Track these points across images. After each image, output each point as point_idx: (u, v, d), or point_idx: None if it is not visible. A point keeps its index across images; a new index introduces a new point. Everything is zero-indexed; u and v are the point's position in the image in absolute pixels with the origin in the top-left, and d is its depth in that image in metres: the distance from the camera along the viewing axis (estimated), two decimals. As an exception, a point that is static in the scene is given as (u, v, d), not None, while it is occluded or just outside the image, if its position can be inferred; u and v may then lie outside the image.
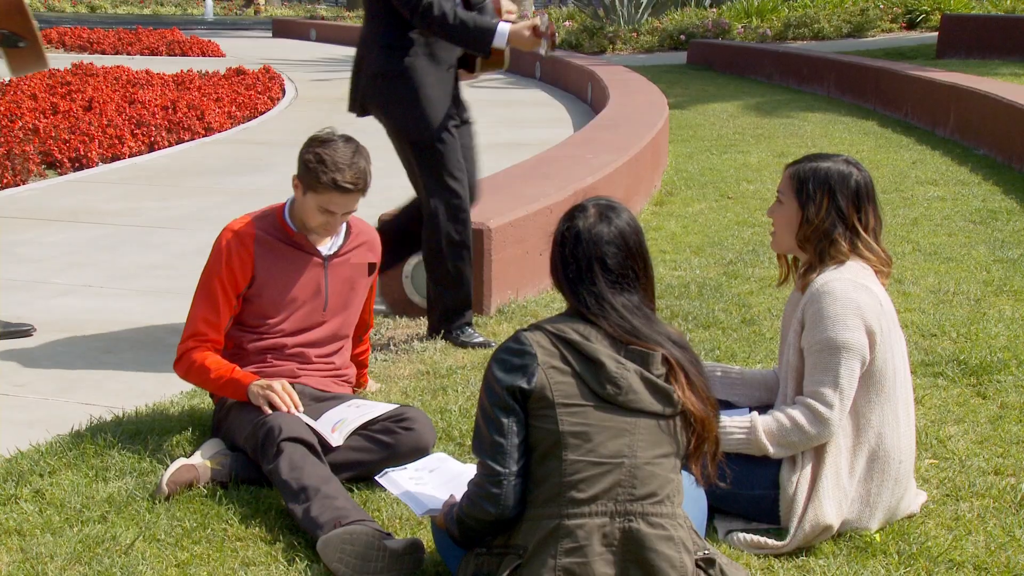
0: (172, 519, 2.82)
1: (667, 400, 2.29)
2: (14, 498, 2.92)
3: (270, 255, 3.24)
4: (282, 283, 3.26)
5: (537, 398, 2.26)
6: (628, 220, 2.38)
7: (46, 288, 5.11)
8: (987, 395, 3.72)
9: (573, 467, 2.24)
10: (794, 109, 10.99)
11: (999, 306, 4.71)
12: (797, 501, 2.73)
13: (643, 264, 2.37)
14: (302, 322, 3.30)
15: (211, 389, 3.25)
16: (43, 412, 3.64)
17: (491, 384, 2.30)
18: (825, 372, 2.73)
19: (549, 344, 2.29)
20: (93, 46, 17.85)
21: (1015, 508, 2.93)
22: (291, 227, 3.28)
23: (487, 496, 2.29)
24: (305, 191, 3.20)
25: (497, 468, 2.28)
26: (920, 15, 16.50)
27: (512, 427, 2.28)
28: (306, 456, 2.89)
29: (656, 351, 2.29)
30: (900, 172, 7.72)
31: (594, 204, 2.40)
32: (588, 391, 2.27)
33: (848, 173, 2.81)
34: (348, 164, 3.15)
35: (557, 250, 2.39)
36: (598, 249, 2.33)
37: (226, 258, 3.21)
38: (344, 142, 3.19)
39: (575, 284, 2.35)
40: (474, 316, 4.39)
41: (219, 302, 3.21)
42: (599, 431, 2.25)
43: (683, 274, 5.26)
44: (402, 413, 3.15)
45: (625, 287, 2.34)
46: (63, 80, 11.75)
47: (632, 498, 2.25)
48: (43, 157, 8.19)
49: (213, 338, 3.21)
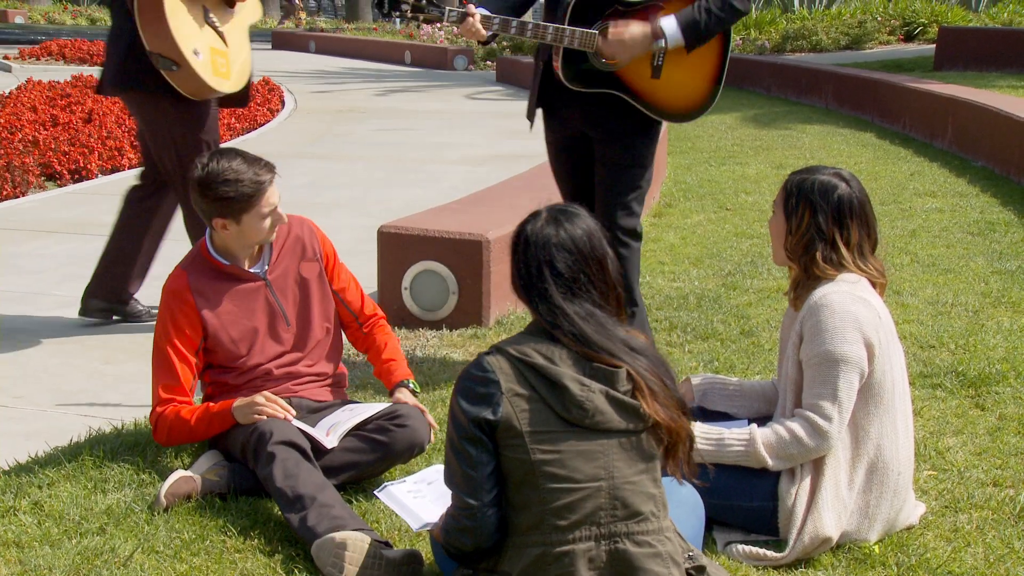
0: (171, 531, 2.82)
1: (635, 416, 2.24)
2: (12, 510, 2.92)
3: (212, 299, 3.14)
4: (235, 320, 3.16)
5: (504, 428, 2.21)
6: (583, 224, 2.31)
7: (46, 299, 5.11)
8: (985, 407, 3.73)
9: (552, 495, 2.20)
10: (792, 121, 11.01)
11: (997, 318, 4.71)
12: (796, 513, 2.73)
13: (598, 268, 2.29)
14: (274, 345, 3.23)
15: (200, 436, 3.11)
16: (42, 424, 3.64)
17: (457, 416, 2.25)
18: (824, 385, 2.73)
19: (511, 369, 2.23)
20: (93, 58, 17.86)
21: (1014, 520, 2.93)
22: (221, 261, 3.17)
23: (462, 529, 2.27)
24: (239, 219, 3.08)
25: (470, 501, 2.24)
26: (918, 27, 16.54)
27: (482, 458, 2.23)
28: (300, 463, 2.87)
29: (620, 367, 2.23)
30: (898, 184, 7.73)
31: (548, 209, 2.35)
32: (555, 416, 2.21)
33: (832, 187, 2.79)
34: (245, 163, 3.08)
35: (511, 257, 2.34)
36: (546, 253, 2.27)
37: (172, 322, 3.10)
38: (213, 161, 3.08)
39: (528, 291, 2.30)
40: (473, 327, 4.39)
41: (176, 367, 3.09)
42: (572, 456, 2.20)
43: (682, 285, 5.26)
44: (395, 411, 3.12)
45: (578, 293, 2.27)
46: (63, 92, 11.77)
47: (615, 519, 2.21)
48: (43, 169, 8.20)
49: (179, 401, 3.09)
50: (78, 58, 17.93)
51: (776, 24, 16.72)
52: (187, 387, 3.12)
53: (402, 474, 3.18)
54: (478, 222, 4.67)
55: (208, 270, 3.17)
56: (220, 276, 3.17)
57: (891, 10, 17.21)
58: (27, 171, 7.85)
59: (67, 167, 8.29)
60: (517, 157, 8.64)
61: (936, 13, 16.68)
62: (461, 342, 4.46)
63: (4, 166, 7.79)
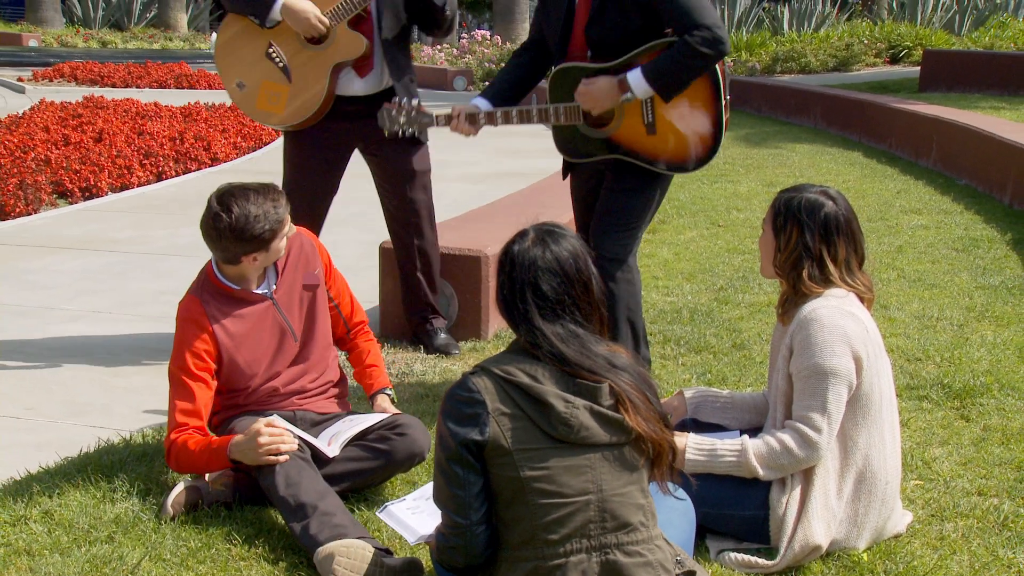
0: (178, 539, 2.81)
1: (619, 429, 2.22)
2: (23, 519, 2.91)
3: (226, 323, 3.10)
4: (248, 342, 3.13)
5: (492, 447, 2.19)
6: (568, 246, 2.28)
7: (57, 314, 5.11)
8: (970, 418, 3.72)
9: (542, 510, 2.19)
10: (782, 140, 11.03)
11: (981, 331, 4.71)
12: (787, 521, 2.72)
13: (583, 289, 2.27)
14: (283, 362, 3.20)
15: (202, 468, 3.02)
16: (53, 435, 3.63)
17: (444, 438, 2.22)
18: (813, 397, 2.73)
19: (496, 389, 2.20)
20: (104, 79, 17.90)
21: (998, 528, 2.93)
22: (230, 285, 3.13)
23: (453, 548, 2.26)
24: (268, 248, 3.07)
25: (459, 520, 2.23)
26: (903, 50, 16.62)
27: (469, 478, 2.21)
28: (302, 470, 2.86)
29: (602, 383, 2.21)
30: (885, 201, 7.74)
31: (535, 229, 2.33)
32: (541, 433, 2.19)
33: (820, 205, 2.79)
34: (259, 195, 3.02)
35: (496, 275, 2.33)
36: (531, 274, 2.25)
37: (189, 348, 3.04)
38: (232, 206, 2.99)
39: (510, 310, 2.28)
40: (472, 340, 4.38)
41: (193, 393, 3.03)
42: (560, 472, 2.19)
43: (675, 300, 5.26)
44: (395, 420, 3.12)
45: (560, 314, 2.24)
46: (74, 112, 11.79)
47: (605, 531, 2.20)
48: (55, 187, 8.21)
49: (195, 425, 3.02)
50: (89, 79, 17.95)
51: (766, 46, 16.78)
52: (203, 412, 3.05)
53: (403, 483, 3.18)
54: (477, 238, 4.67)
55: (218, 295, 3.13)
56: (231, 300, 3.13)
57: (877, 33, 17.29)
58: (39, 189, 7.85)
59: (78, 185, 8.29)
60: (515, 175, 8.65)
61: (920, 36, 16.77)
62: (460, 355, 4.46)
63: (17, 184, 7.79)
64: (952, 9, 19.65)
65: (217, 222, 2.99)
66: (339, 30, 4.20)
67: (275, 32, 4.22)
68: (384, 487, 3.17)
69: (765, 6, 20.87)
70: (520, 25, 22.48)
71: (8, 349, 4.56)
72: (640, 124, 3.65)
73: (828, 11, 20.14)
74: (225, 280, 3.14)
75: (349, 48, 4.20)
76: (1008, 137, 7.83)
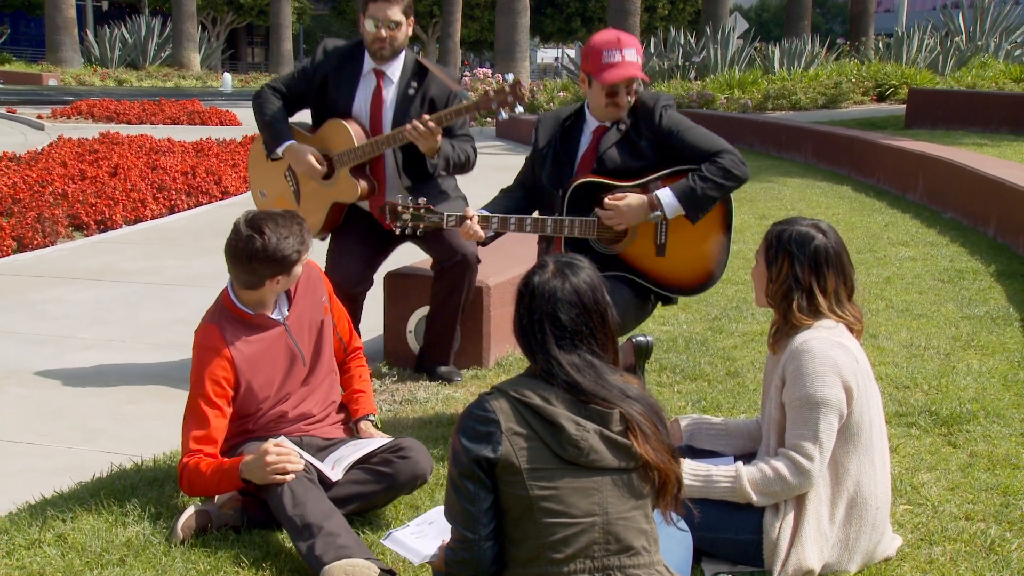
0: (187, 562, 2.80)
1: (627, 455, 2.22)
2: (38, 542, 2.90)
3: (243, 349, 3.09)
4: (263, 366, 3.13)
5: (504, 466, 2.19)
6: (586, 277, 2.29)
7: (72, 342, 5.11)
8: (957, 444, 3.71)
9: (549, 529, 2.19)
10: (774, 174, 11.07)
11: (967, 360, 4.71)
12: (780, 546, 2.71)
13: (600, 320, 2.27)
14: (292, 385, 3.20)
15: (213, 490, 3.01)
16: (67, 460, 3.63)
17: (458, 454, 2.23)
18: (805, 426, 2.72)
19: (511, 409, 2.21)
20: (119, 116, 18.01)
21: (985, 552, 2.91)
22: (246, 311, 3.13)
23: (461, 561, 2.26)
24: (290, 271, 3.09)
25: (468, 535, 2.23)
26: (889, 89, 16.71)
27: (480, 494, 2.21)
28: (308, 490, 2.85)
29: (613, 409, 2.22)
30: (873, 234, 7.76)
31: (554, 260, 2.33)
32: (551, 454, 2.20)
33: (810, 237, 2.79)
34: (284, 218, 3.06)
35: (515, 305, 2.33)
36: (551, 305, 2.25)
37: (209, 375, 3.03)
38: (261, 234, 3.01)
39: (528, 340, 2.28)
40: (474, 368, 4.37)
41: (208, 419, 3.01)
42: (568, 493, 2.19)
43: (671, 329, 5.26)
44: (398, 444, 3.12)
45: (578, 344, 2.25)
46: (91, 148, 11.85)
47: (608, 553, 2.20)
48: (71, 220, 8.24)
49: (208, 452, 3.01)
50: (105, 116, 18.06)
51: (758, 84, 16.87)
52: (217, 438, 3.04)
53: (407, 508, 3.17)
54: (479, 270, 4.67)
55: (234, 321, 3.13)
56: (247, 326, 3.13)
57: (864, 72, 17.40)
58: (56, 222, 7.88)
59: (93, 218, 8.32)
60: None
61: (906, 76, 16.88)
62: (462, 382, 4.46)
63: (35, 217, 7.82)
64: (936, 50, 19.79)
65: (250, 243, 3.01)
66: (342, 173, 4.34)
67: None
68: (388, 512, 3.16)
69: (757, 46, 21.01)
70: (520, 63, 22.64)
71: (25, 377, 4.56)
72: (651, 245, 3.61)
73: (817, 51, 20.27)
74: (242, 306, 3.13)
75: (346, 192, 4.36)
76: (991, 173, 7.87)
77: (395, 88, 4.34)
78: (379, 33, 4.24)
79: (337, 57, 4.38)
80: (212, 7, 43.49)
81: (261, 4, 43.02)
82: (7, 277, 6.55)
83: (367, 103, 4.36)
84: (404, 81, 4.34)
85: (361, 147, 4.27)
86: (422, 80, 4.33)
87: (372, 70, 4.35)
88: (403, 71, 4.35)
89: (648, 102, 3.64)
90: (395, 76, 4.35)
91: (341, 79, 4.35)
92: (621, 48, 3.55)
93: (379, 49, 4.28)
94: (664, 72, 19.04)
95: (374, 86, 4.35)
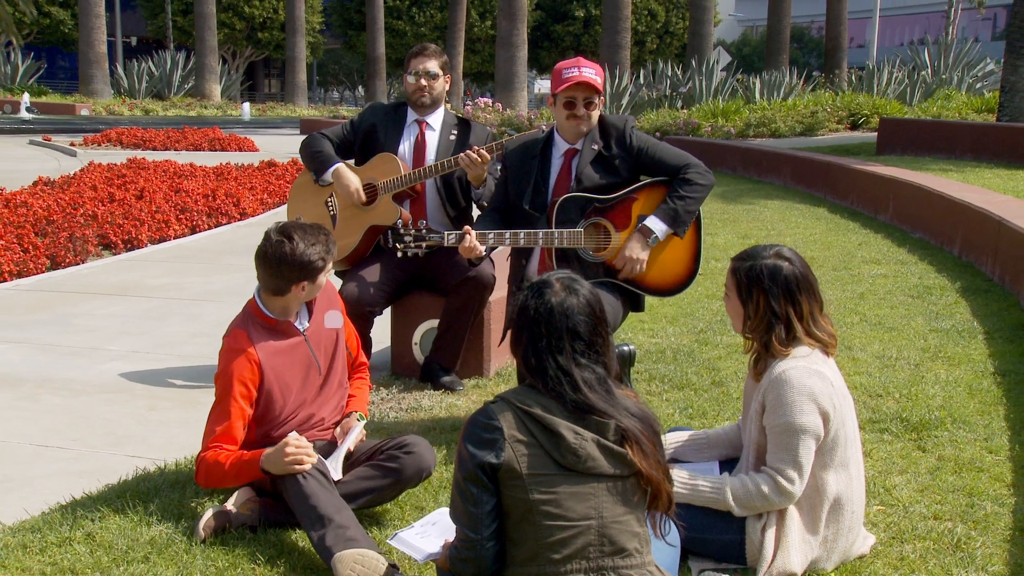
0: (207, 560, 2.79)
1: (623, 463, 2.21)
2: (68, 540, 2.90)
3: (269, 352, 3.08)
4: (283, 374, 3.12)
5: (506, 470, 2.19)
6: (589, 290, 2.29)
7: (100, 354, 5.11)
8: (926, 448, 3.71)
9: (548, 531, 2.18)
10: (755, 197, 11.09)
11: (935, 370, 4.71)
12: (766, 547, 2.71)
13: (606, 329, 2.27)
14: (310, 391, 3.20)
15: (231, 481, 3.01)
16: (95, 464, 3.62)
17: (463, 459, 2.23)
18: (786, 451, 2.72)
19: (514, 418, 2.20)
20: (146, 143, 18.04)
21: (952, 549, 2.91)
22: (273, 317, 3.12)
23: (464, 560, 2.26)
24: (315, 279, 3.09)
25: (471, 535, 2.23)
26: (861, 118, 16.75)
27: (483, 497, 2.21)
28: (322, 484, 2.86)
29: (610, 421, 2.21)
30: (848, 252, 7.77)
31: (556, 279, 2.30)
32: (551, 461, 2.19)
33: (778, 269, 2.77)
34: (311, 227, 3.08)
35: (527, 326, 2.26)
36: (570, 320, 2.23)
37: (238, 377, 3.02)
38: (292, 243, 3.03)
39: (542, 360, 2.23)
40: (476, 378, 4.36)
41: (232, 419, 3.01)
42: (566, 497, 2.19)
43: (659, 341, 5.26)
44: (403, 441, 3.12)
45: (592, 357, 2.24)
46: (119, 173, 11.88)
47: (603, 554, 2.20)
48: (100, 239, 8.25)
49: (227, 449, 3.01)
50: (133, 143, 18.09)
51: (740, 113, 16.92)
52: (237, 436, 3.04)
53: (412, 509, 3.17)
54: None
55: (261, 327, 3.12)
56: (273, 333, 3.13)
57: (839, 102, 17.44)
58: (87, 241, 7.89)
59: (121, 237, 8.33)
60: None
61: (877, 106, 16.93)
62: (464, 391, 4.46)
63: (67, 237, 7.83)
64: (904, 83, 19.90)
65: (279, 248, 3.03)
66: (384, 199, 4.41)
67: (335, 188, 4.49)
68: (394, 513, 3.15)
69: (739, 78, 21.08)
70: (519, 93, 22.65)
71: (57, 386, 4.55)
72: None
73: (795, 82, 20.34)
74: (268, 312, 3.14)
75: (385, 216, 4.40)
76: (956, 196, 7.89)
77: (437, 134, 4.52)
78: (419, 83, 4.46)
79: (383, 111, 4.59)
80: (232, 42, 43.68)
81: (277, 39, 43.20)
82: (41, 293, 6.55)
83: (411, 146, 4.51)
84: (446, 130, 4.52)
85: (408, 175, 4.35)
86: (462, 128, 4.52)
87: (415, 120, 4.52)
88: (444, 121, 4.55)
89: (617, 124, 3.80)
90: (436, 125, 4.54)
91: (387, 127, 4.52)
92: (579, 67, 3.71)
93: (419, 98, 4.48)
94: (653, 101, 19.09)
95: (417, 132, 4.52)
